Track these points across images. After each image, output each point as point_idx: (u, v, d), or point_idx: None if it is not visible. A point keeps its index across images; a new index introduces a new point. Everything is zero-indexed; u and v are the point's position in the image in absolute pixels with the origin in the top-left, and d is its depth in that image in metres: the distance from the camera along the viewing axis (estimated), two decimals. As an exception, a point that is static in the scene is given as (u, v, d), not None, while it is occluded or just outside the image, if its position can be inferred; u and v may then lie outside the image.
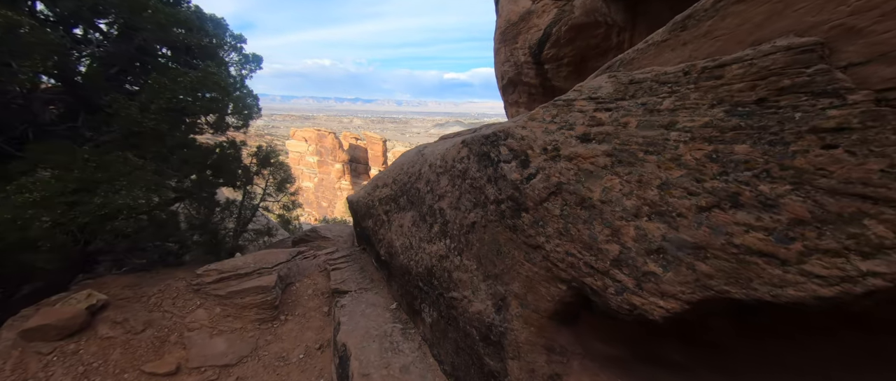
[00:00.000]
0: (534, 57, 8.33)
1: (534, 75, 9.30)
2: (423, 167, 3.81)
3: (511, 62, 11.08)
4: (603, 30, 6.42)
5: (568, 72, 7.59)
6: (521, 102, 12.87)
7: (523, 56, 9.16)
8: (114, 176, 4.57)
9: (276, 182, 7.01)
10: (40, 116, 5.22)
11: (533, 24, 8.30)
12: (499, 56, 12.03)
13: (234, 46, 7.60)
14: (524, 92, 11.66)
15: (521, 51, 9.19)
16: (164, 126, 5.07)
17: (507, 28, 9.93)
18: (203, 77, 5.54)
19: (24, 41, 4.05)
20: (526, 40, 8.66)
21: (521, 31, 8.89)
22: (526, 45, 8.73)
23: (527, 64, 9.22)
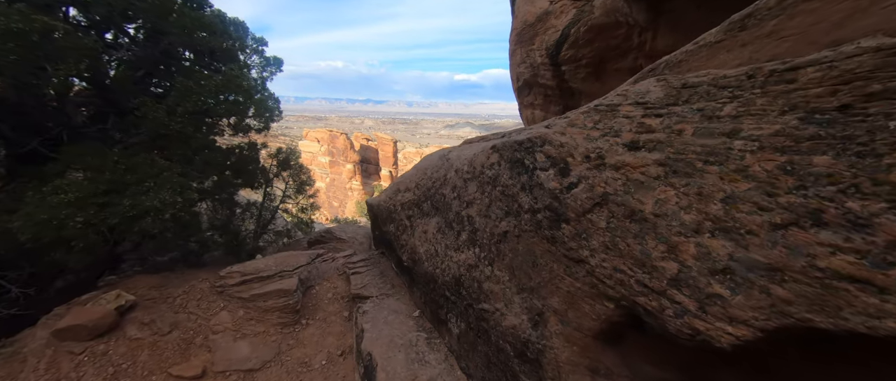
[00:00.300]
0: (551, 58, 8.04)
1: (550, 77, 9.12)
2: (448, 172, 3.72)
3: (527, 64, 10.93)
4: (624, 30, 6.24)
5: (586, 73, 7.33)
6: (536, 103, 12.69)
7: (540, 57, 9.00)
8: (142, 178, 4.65)
9: (295, 184, 7.06)
10: (73, 118, 5.38)
11: (550, 24, 8.15)
12: (514, 58, 11.88)
13: (255, 49, 7.71)
14: (540, 94, 11.50)
15: (538, 52, 9.03)
16: (190, 129, 5.15)
17: (523, 29, 9.79)
18: (227, 80, 5.60)
19: (59, 46, 4.16)
20: (543, 41, 8.49)
21: (537, 32, 8.73)
22: (543, 46, 8.56)
23: (543, 65, 9.06)
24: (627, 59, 6.50)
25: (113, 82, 5.99)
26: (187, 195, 4.85)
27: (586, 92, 8.13)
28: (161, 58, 6.30)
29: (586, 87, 7.84)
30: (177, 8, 5.69)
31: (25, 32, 3.83)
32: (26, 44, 3.86)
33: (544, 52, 8.41)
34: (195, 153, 5.61)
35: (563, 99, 9.57)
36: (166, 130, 5.04)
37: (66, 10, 5.40)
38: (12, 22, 3.74)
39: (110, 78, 6.05)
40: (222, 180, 6.02)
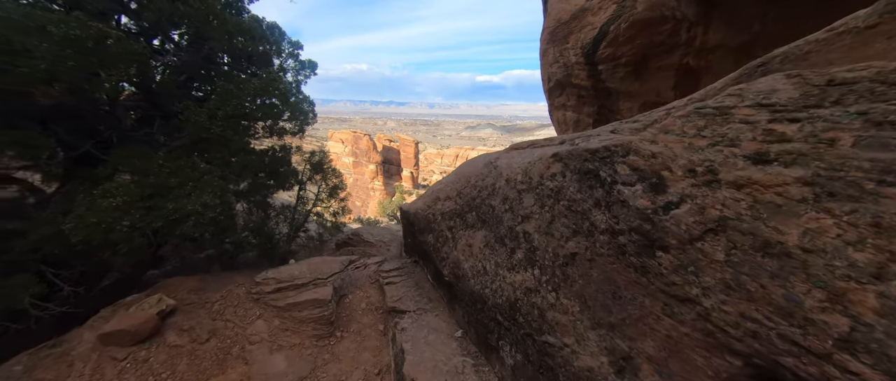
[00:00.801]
0: (586, 57, 7.18)
1: (585, 77, 8.53)
2: (497, 182, 3.40)
3: (560, 63, 10.38)
4: (670, 25, 5.71)
5: (625, 73, 6.38)
6: (568, 105, 12.04)
7: (574, 57, 8.49)
8: (184, 181, 4.68)
9: (328, 188, 7.00)
10: (122, 121, 5.56)
11: (587, 22, 7.66)
12: (546, 57, 11.33)
13: (291, 53, 7.76)
14: (573, 94, 10.89)
15: (573, 51, 8.53)
16: (229, 132, 5.16)
17: (556, 28, 9.31)
18: (265, 84, 5.60)
19: (111, 52, 4.25)
20: (578, 40, 7.97)
21: (572, 30, 8.23)
22: (578, 44, 8.03)
23: (578, 65, 8.54)
24: (673, 56, 5.78)
25: (159, 87, 6.19)
26: (226, 198, 4.84)
27: (624, 92, 7.08)
28: (203, 63, 6.43)
29: (625, 86, 6.84)
30: (218, 13, 5.77)
31: (82, 39, 3.92)
32: (82, 50, 3.95)
33: (579, 51, 7.63)
34: (233, 156, 5.64)
35: (598, 100, 8.96)
36: (207, 134, 5.07)
37: (118, 18, 5.61)
38: (70, 29, 3.84)
39: (156, 83, 6.25)
40: (257, 183, 6.04)
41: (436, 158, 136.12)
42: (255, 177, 6.25)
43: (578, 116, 11.02)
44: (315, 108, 6.91)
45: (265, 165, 6.36)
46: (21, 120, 4.80)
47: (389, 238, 12.22)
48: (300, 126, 6.19)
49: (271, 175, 6.54)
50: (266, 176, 6.49)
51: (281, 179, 6.74)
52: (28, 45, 3.65)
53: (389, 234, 13.65)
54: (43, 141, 4.41)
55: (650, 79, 6.18)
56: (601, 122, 10.04)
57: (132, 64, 4.45)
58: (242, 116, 5.33)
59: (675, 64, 5.71)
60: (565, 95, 10.94)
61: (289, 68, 7.83)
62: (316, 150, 7.36)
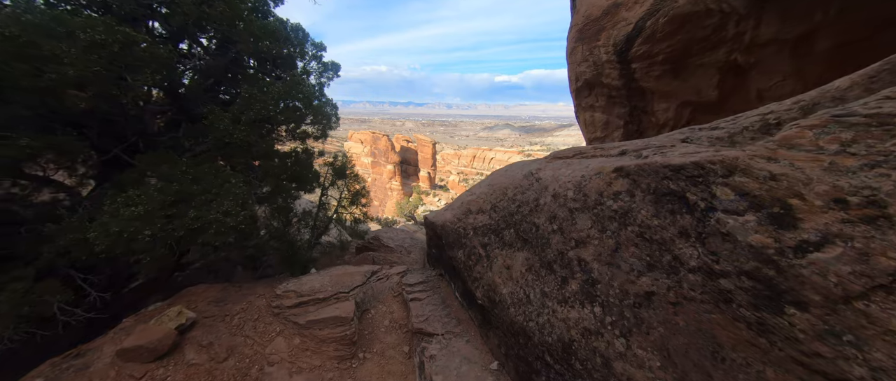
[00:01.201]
0: (619, 55, 6.64)
1: (617, 76, 7.36)
2: (541, 197, 2.98)
3: (589, 62, 9.83)
4: (716, 19, 5.16)
5: (662, 71, 5.87)
6: (597, 105, 11.35)
7: (605, 55, 7.37)
8: (207, 188, 4.55)
9: (350, 195, 6.79)
10: (149, 126, 5.55)
11: (620, 18, 7.16)
12: (574, 56, 10.72)
13: (314, 55, 7.64)
14: (602, 95, 10.27)
15: (603, 49, 7.72)
16: (253, 137, 5.01)
17: (585, 25, 8.79)
18: (288, 87, 5.44)
19: (137, 56, 4.16)
20: (610, 37, 7.30)
21: (604, 26, 7.71)
22: (609, 42, 7.03)
23: (609, 63, 7.36)
24: (718, 53, 5.20)
25: (186, 91, 6.19)
26: (248, 207, 4.67)
27: (660, 92, 6.46)
28: (229, 66, 6.39)
29: (661, 86, 6.24)
30: (244, 16, 5.67)
31: (108, 44, 3.84)
32: (109, 55, 3.88)
33: (611, 49, 6.89)
34: (256, 161, 5.50)
35: (631, 100, 7.71)
36: (230, 139, 4.95)
37: (149, 23, 5.62)
38: (97, 34, 3.76)
39: (184, 87, 6.26)
40: (280, 188, 5.90)
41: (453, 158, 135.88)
42: (279, 181, 6.11)
43: (608, 118, 10.40)
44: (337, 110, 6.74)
45: (288, 169, 6.23)
46: (56, 124, 4.87)
47: (409, 244, 11.96)
48: (323, 130, 6.01)
49: (294, 179, 6.40)
50: (288, 179, 6.35)
51: (303, 181, 6.60)
52: (56, 50, 3.59)
53: (409, 238, 13.40)
54: (76, 145, 4.40)
55: (690, 77, 5.53)
56: (633, 123, 9.42)
57: (158, 68, 4.36)
58: (266, 120, 5.19)
59: (719, 61, 5.22)
60: (594, 96, 10.33)
61: (312, 70, 7.71)
62: (338, 153, 7.16)
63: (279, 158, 6.07)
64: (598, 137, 11.16)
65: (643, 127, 9.05)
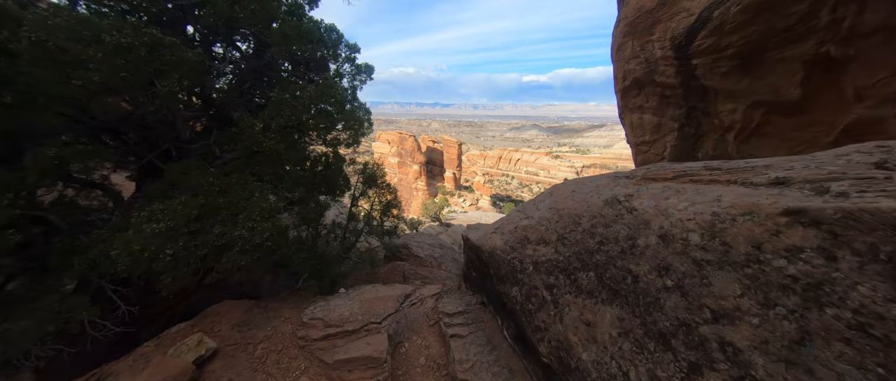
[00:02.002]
0: (677, 50, 5.98)
1: (673, 73, 6.54)
2: (641, 237, 2.21)
3: (640, 58, 8.81)
4: (805, 6, 4.12)
5: (730, 67, 5.19)
6: (647, 106, 10.25)
7: (661, 50, 6.49)
8: (234, 201, 4.21)
9: (382, 206, 6.30)
10: (182, 133, 5.37)
11: (680, 8, 6.19)
12: (622, 52, 9.71)
13: (348, 57, 7.25)
14: (654, 94, 9.21)
15: (659, 43, 6.52)
16: (282, 146, 4.63)
17: (637, 17, 7.79)
18: (321, 91, 5.02)
19: (165, 60, 3.88)
20: (667, 30, 6.14)
21: (659, 18, 6.39)
22: (666, 36, 6.16)
23: (665, 59, 6.52)
24: (805, 45, 4.41)
25: (220, 95, 6.02)
26: (277, 223, 4.27)
27: (726, 91, 5.72)
28: (265, 69, 6.13)
29: (727, 84, 5.52)
30: (278, 17, 5.35)
31: (135, 47, 3.57)
32: (136, 59, 3.60)
33: (668, 44, 6.15)
34: (286, 167, 5.14)
35: (688, 100, 6.84)
36: (259, 147, 4.59)
37: (185, 26, 5.46)
38: (123, 37, 3.49)
39: (216, 91, 6.09)
40: (310, 198, 5.51)
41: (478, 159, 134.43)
42: (309, 191, 5.74)
43: (660, 120, 9.33)
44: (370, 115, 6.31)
45: (317, 175, 5.84)
46: (94, 130, 4.77)
47: (439, 253, 11.40)
48: (354, 136, 5.56)
49: (324, 185, 6.00)
50: (319, 186, 5.96)
51: (333, 189, 6.19)
52: (83, 54, 3.35)
53: (438, 246, 12.84)
54: (104, 152, 4.21)
55: (766, 74, 4.84)
56: (690, 126, 8.41)
57: (188, 73, 4.07)
58: (296, 126, 4.79)
59: (806, 54, 4.39)
60: (644, 96, 9.30)
61: (345, 73, 7.33)
62: (368, 162, 6.72)
63: (310, 163, 5.69)
64: (647, 141, 10.06)
65: (702, 131, 8.02)
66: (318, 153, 6.15)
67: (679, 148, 9.17)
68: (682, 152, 9.03)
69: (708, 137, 7.84)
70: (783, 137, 5.29)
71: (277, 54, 5.98)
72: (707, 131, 7.80)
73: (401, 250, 10.56)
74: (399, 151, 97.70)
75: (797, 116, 4.89)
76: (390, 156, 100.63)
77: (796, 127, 5.02)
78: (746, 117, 5.67)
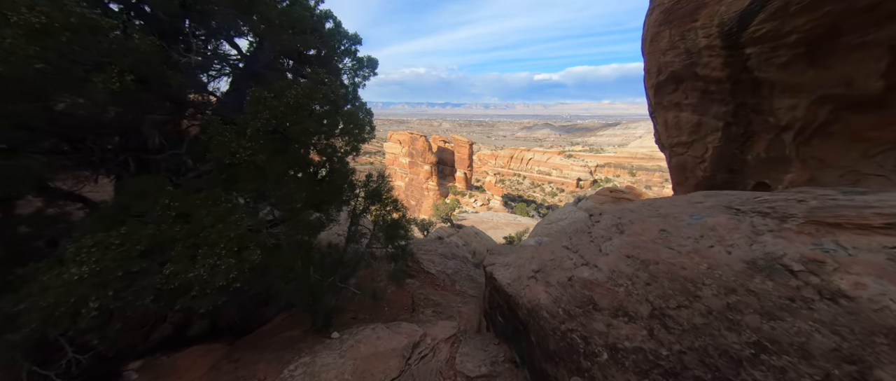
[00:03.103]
0: (726, 38, 5.27)
1: (720, 65, 5.86)
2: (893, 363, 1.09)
3: (680, 49, 7.78)
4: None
5: (792, 56, 4.55)
6: (686, 103, 9.08)
7: (705, 38, 5.79)
8: (194, 230, 3.26)
9: (385, 227, 5.24)
10: (149, 140, 4.49)
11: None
12: (656, 43, 8.51)
13: (347, 50, 6.27)
14: (695, 90, 8.19)
15: (703, 31, 5.78)
16: (262, 156, 3.66)
17: (676, 2, 6.78)
18: (310, 89, 4.04)
19: (103, 48, 2.96)
20: (714, 15, 5.33)
21: (705, 2, 5.55)
22: (713, 22, 5.41)
23: (710, 50, 5.81)
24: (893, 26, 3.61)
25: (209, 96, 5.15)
26: (248, 257, 3.31)
27: (784, 84, 5.05)
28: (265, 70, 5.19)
29: (788, 76, 4.86)
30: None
31: (54, 30, 2.66)
32: (55, 45, 2.70)
33: (715, 31, 5.43)
34: (272, 181, 4.19)
35: (737, 96, 6.10)
36: (233, 159, 3.65)
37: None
38: (37, 16, 2.59)
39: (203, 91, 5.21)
40: (301, 218, 4.55)
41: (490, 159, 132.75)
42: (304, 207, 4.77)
43: (701, 119, 8.22)
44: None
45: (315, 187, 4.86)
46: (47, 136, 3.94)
47: (453, 268, 10.32)
48: (355, 144, 4.56)
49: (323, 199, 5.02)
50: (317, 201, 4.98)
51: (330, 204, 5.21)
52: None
53: (451, 256, 11.75)
54: (33, 166, 3.32)
55: (837, 63, 4.22)
56: (738, 125, 7.37)
57: (136, 64, 3.15)
58: (278, 132, 3.84)
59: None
60: (682, 91, 8.18)
61: (345, 68, 6.37)
62: (373, 171, 5.72)
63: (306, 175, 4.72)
64: (683, 142, 8.96)
65: (753, 130, 6.97)
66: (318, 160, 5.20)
67: (723, 150, 8.06)
68: (727, 155, 7.94)
69: (759, 137, 6.85)
70: (855, 138, 4.64)
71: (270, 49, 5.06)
72: (758, 131, 6.81)
73: (409, 264, 9.57)
74: (410, 152, 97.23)
75: (876, 113, 4.25)
76: (401, 156, 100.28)
77: (875, 126, 4.37)
78: (810, 114, 4.92)
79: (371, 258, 5.43)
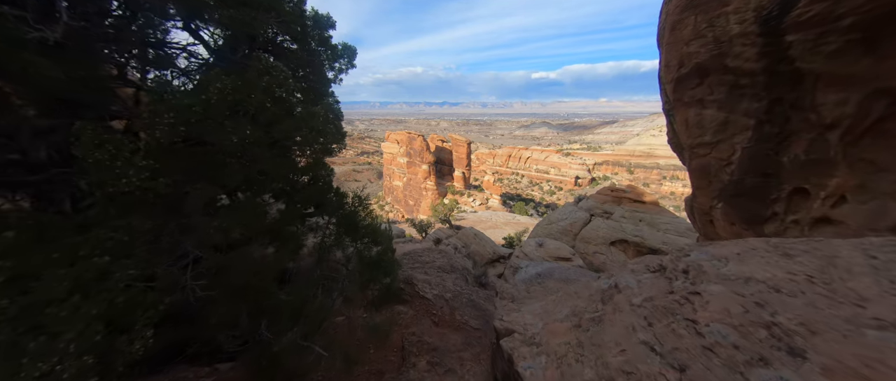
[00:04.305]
0: (764, 24, 4.75)
1: (754, 56, 5.32)
2: None
3: (707, 38, 7.03)
4: None
5: (844, 43, 4.09)
6: (710, 99, 8.26)
7: (739, 25, 5.27)
8: (36, 304, 2.00)
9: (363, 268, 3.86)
10: (32, 153, 3.21)
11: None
12: (679, 31, 7.58)
13: (319, 37, 4.98)
14: (722, 84, 7.39)
15: (736, 17, 5.28)
16: (161, 183, 2.40)
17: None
18: (246, 83, 2.76)
19: None
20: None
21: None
22: (749, 6, 4.86)
23: (744, 37, 5.25)
24: None
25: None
26: (136, 340, 2.04)
27: (832, 75, 4.54)
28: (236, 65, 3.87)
29: (837, 66, 4.36)
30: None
31: None
32: None
33: (751, 16, 4.89)
34: (189, 215, 2.91)
35: (772, 90, 5.53)
36: (118, 185, 2.39)
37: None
38: None
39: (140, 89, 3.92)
40: (246, 261, 3.25)
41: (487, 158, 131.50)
42: (247, 242, 3.50)
43: (728, 116, 7.32)
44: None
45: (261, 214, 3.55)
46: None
47: (452, 290, 9.03)
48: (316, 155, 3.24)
49: (276, 228, 3.73)
50: (268, 231, 3.69)
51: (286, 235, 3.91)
52: None
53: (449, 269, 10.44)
54: None
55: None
56: (772, 124, 6.60)
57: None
58: (198, 143, 2.56)
59: None
60: (707, 86, 7.25)
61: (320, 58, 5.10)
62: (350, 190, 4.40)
63: (246, 200, 3.43)
64: (706, 143, 7.99)
65: (790, 129, 6.17)
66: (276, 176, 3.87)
67: (754, 151, 7.25)
68: (758, 157, 7.11)
69: (798, 137, 5.99)
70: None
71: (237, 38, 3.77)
72: (797, 130, 5.96)
73: (402, 286, 8.32)
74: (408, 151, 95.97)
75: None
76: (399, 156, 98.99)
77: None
78: (861, 110, 4.48)
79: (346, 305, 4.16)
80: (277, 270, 3.47)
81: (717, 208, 7.33)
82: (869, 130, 4.43)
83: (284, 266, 3.41)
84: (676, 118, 8.64)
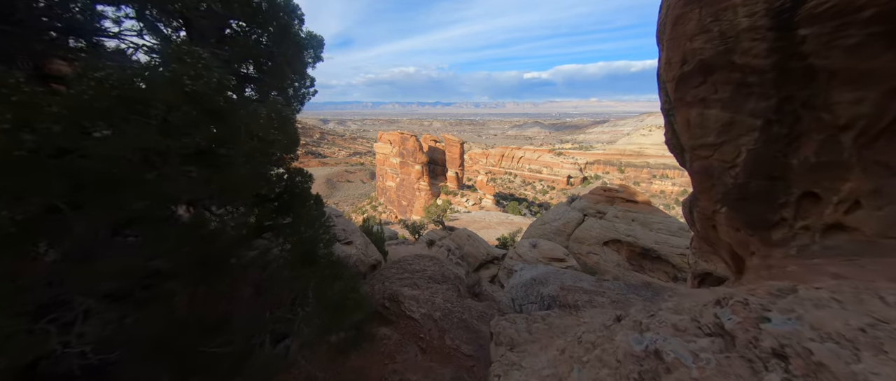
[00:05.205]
0: (776, 16, 4.60)
1: (764, 51, 5.13)
2: None
3: (712, 33, 6.76)
4: None
5: (863, 37, 3.77)
6: (714, 98, 7.90)
7: (747, 18, 5.09)
8: None
9: (321, 311, 3.08)
10: None
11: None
12: (682, 26, 7.33)
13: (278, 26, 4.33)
14: (727, 82, 7.03)
15: (745, 10, 5.16)
16: (17, 216, 1.72)
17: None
18: (143, 69, 2.09)
19: None
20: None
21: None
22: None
23: (753, 32, 5.08)
24: None
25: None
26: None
27: (848, 72, 4.39)
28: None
29: (854, 62, 4.16)
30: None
31: None
32: None
33: (761, 9, 4.74)
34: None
35: (782, 88, 5.34)
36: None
37: None
38: None
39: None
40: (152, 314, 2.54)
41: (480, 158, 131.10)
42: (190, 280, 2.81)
43: (733, 117, 6.96)
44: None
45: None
46: None
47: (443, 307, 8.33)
48: (255, 164, 2.55)
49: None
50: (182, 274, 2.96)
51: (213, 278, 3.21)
52: None
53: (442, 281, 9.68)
54: None
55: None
56: (781, 124, 6.24)
57: None
58: (68, 151, 1.89)
59: None
60: (711, 84, 6.85)
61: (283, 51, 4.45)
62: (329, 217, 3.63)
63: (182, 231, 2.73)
64: (709, 144, 7.61)
65: (801, 130, 5.85)
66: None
67: (760, 153, 6.87)
68: (765, 159, 6.72)
69: (808, 138, 5.64)
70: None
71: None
72: (808, 131, 5.61)
73: (387, 304, 7.68)
74: (401, 152, 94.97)
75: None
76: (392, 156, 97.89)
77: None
78: (878, 110, 4.38)
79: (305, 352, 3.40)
80: (211, 314, 2.82)
81: (720, 212, 6.88)
82: (885, 131, 4.17)
83: (219, 308, 2.75)
84: (677, 118, 8.20)
